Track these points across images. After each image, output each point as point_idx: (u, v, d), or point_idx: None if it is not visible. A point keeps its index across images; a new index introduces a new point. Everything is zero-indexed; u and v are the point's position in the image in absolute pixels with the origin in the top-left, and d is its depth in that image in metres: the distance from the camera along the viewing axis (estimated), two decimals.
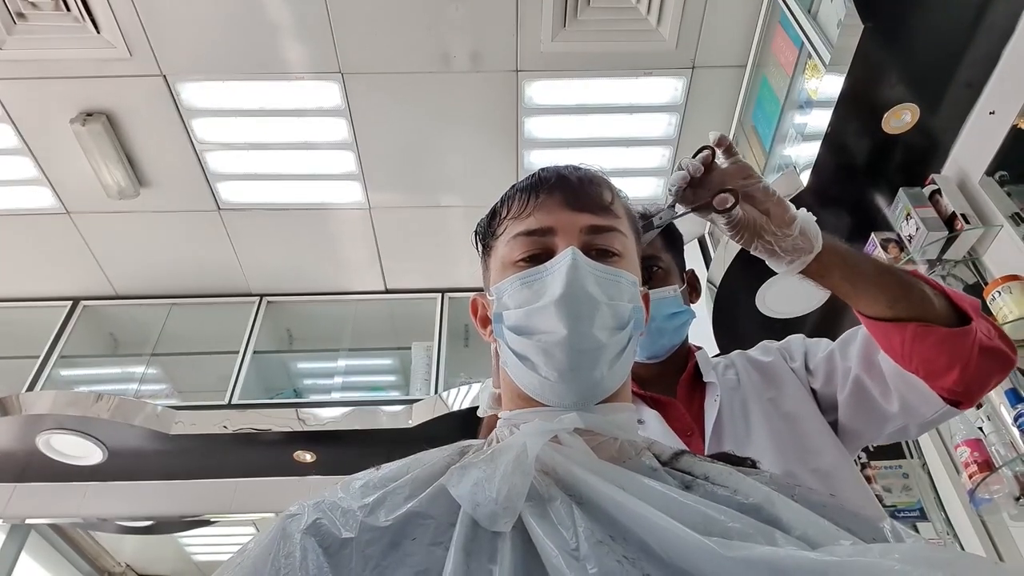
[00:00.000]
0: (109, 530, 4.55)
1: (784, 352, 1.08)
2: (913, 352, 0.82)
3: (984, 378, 0.84)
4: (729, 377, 1.09)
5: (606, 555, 0.54)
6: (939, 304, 0.83)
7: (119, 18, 2.98)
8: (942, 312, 0.82)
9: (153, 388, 4.33)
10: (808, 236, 0.81)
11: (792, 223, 0.81)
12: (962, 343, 0.81)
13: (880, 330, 0.83)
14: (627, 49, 3.16)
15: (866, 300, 0.83)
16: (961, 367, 0.81)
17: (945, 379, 0.82)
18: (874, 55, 2.05)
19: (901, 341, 0.82)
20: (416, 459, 0.70)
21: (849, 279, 0.83)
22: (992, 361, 0.83)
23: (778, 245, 0.81)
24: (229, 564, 0.59)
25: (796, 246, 0.81)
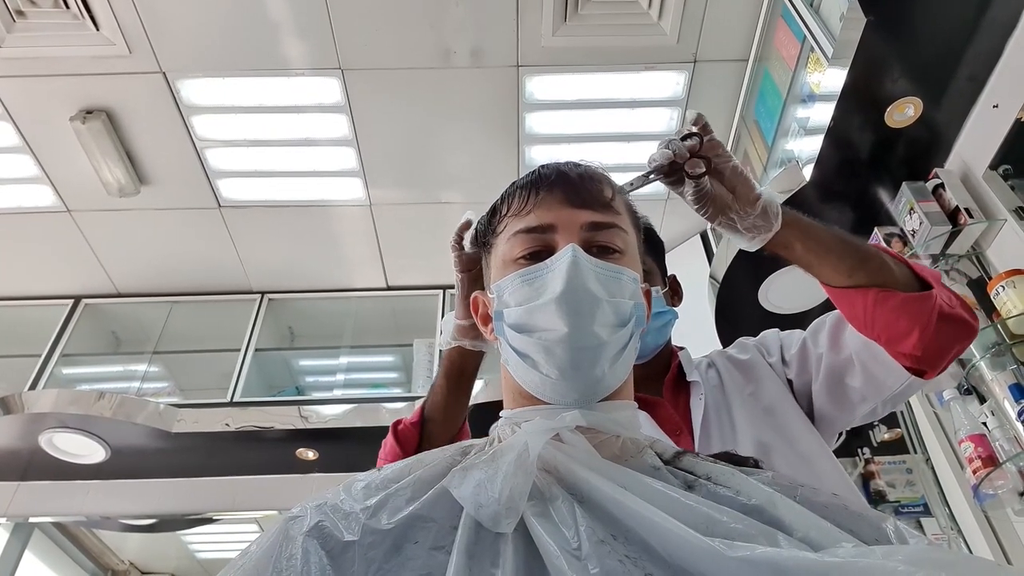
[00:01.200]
0: (112, 528, 4.56)
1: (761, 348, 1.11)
2: (875, 317, 0.84)
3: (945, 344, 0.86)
4: (711, 376, 1.12)
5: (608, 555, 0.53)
6: (899, 272, 0.85)
7: (118, 15, 2.97)
8: (902, 279, 0.84)
9: (155, 386, 4.34)
10: (768, 215, 0.83)
11: (756, 202, 0.83)
12: (922, 307, 0.83)
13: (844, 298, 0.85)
14: (628, 43, 3.14)
15: (828, 270, 0.85)
16: (920, 330, 0.83)
17: (905, 343, 0.84)
18: (877, 49, 2.04)
19: (863, 306, 0.84)
20: (418, 459, 0.70)
21: (811, 251, 0.85)
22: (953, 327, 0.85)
23: (740, 223, 0.83)
24: (232, 566, 0.59)
25: (756, 224, 0.83)
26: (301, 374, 4.72)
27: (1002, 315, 1.89)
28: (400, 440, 0.94)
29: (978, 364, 1.94)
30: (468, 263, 0.93)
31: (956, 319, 0.85)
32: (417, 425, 0.96)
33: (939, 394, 2.14)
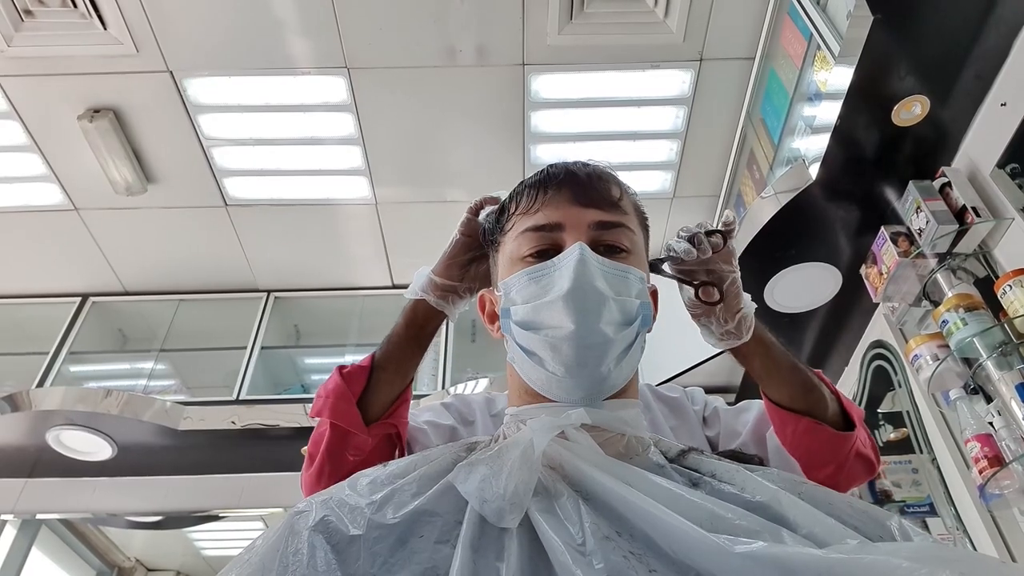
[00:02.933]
0: (119, 525, 4.58)
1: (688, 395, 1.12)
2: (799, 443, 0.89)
3: (851, 478, 0.92)
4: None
5: (612, 551, 0.54)
6: (832, 408, 0.90)
7: (126, 15, 2.99)
8: (832, 416, 0.90)
9: (161, 384, 4.35)
10: (742, 328, 0.87)
11: (736, 315, 0.86)
12: (843, 446, 0.89)
13: (779, 416, 0.90)
14: (634, 42, 3.14)
15: (774, 388, 0.90)
16: (836, 465, 0.89)
17: (820, 472, 0.89)
18: (884, 46, 2.04)
19: (793, 431, 0.89)
20: (423, 456, 0.71)
21: (765, 368, 0.90)
22: (862, 465, 0.91)
23: (717, 328, 0.87)
24: (238, 560, 0.59)
25: (729, 332, 0.87)
26: (307, 372, 4.73)
27: (1009, 314, 1.88)
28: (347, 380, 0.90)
29: (985, 363, 1.93)
30: (472, 229, 0.93)
31: (866, 460, 0.92)
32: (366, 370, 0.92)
33: (945, 394, 2.13)
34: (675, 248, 0.83)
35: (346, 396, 0.89)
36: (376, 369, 0.92)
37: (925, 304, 2.26)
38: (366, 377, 0.92)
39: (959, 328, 1.97)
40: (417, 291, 0.95)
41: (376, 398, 0.91)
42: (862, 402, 2.76)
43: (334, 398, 0.90)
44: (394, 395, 0.93)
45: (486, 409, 1.07)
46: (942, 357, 2.08)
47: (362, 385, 0.91)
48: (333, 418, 0.89)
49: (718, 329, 0.87)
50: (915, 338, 2.21)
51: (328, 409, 0.89)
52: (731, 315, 0.86)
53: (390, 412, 0.92)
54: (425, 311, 0.95)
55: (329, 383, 0.92)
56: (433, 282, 0.94)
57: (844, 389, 2.93)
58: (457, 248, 0.94)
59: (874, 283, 2.39)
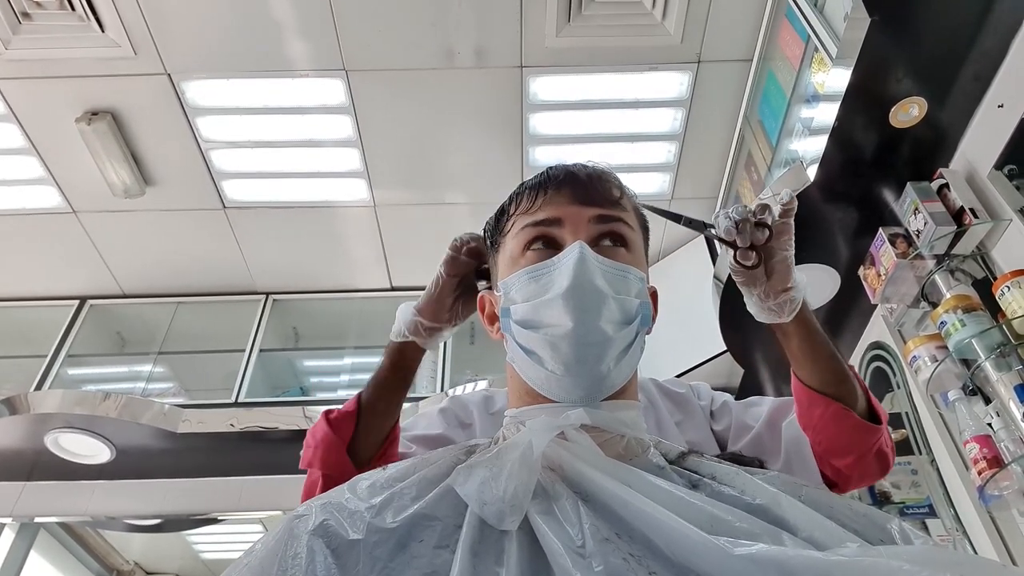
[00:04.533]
0: (117, 528, 4.58)
1: (694, 389, 1.12)
2: (825, 427, 0.88)
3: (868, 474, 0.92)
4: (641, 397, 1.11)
5: (612, 553, 0.53)
6: (861, 401, 0.90)
7: (124, 17, 2.98)
8: (861, 408, 0.89)
9: (160, 387, 4.34)
10: (785, 307, 0.85)
11: (782, 294, 0.85)
12: (869, 438, 0.88)
13: (808, 398, 0.89)
14: (632, 44, 3.14)
15: (808, 371, 0.89)
16: (857, 456, 0.88)
17: (840, 460, 0.89)
18: (881, 48, 2.04)
19: (821, 414, 0.88)
20: (423, 459, 0.70)
21: (803, 351, 0.89)
22: (880, 463, 0.91)
23: (761, 302, 0.86)
24: (236, 564, 0.59)
25: (772, 308, 0.86)
26: (305, 375, 4.72)
27: (1007, 315, 1.88)
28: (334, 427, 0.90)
29: (983, 365, 1.93)
30: (457, 268, 0.93)
31: (884, 458, 0.91)
32: (353, 415, 0.92)
33: (944, 395, 2.13)
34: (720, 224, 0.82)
35: (336, 444, 0.89)
36: (364, 413, 0.92)
37: (923, 305, 2.26)
38: (354, 422, 0.91)
39: (957, 329, 1.97)
40: (404, 333, 0.94)
41: (366, 441, 0.91)
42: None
43: (324, 448, 0.90)
44: (383, 436, 0.93)
45: (484, 408, 1.07)
46: (940, 358, 2.08)
47: (351, 431, 0.91)
48: (324, 469, 0.89)
49: (760, 303, 0.86)
50: (913, 339, 2.21)
51: (319, 460, 0.90)
52: (775, 292, 0.84)
53: (380, 453, 0.92)
54: (412, 349, 0.95)
55: (317, 431, 0.92)
56: (420, 324, 0.94)
57: None
58: (443, 288, 0.93)
59: (872, 284, 2.39)
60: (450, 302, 0.94)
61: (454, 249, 0.92)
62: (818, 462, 0.90)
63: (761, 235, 0.81)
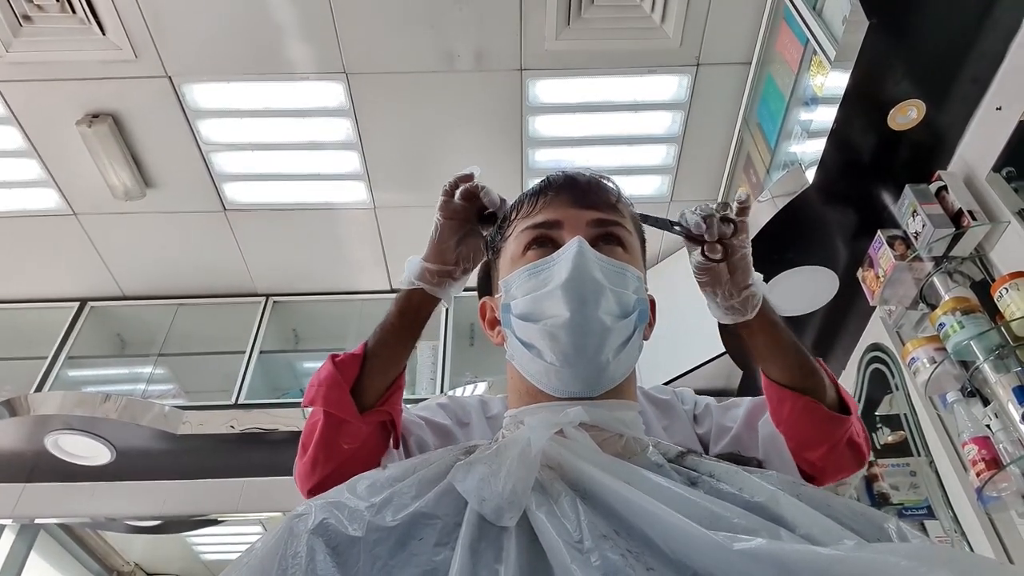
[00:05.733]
0: (118, 529, 4.57)
1: (678, 395, 1.13)
2: (796, 421, 0.89)
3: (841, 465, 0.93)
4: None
5: (610, 549, 0.54)
6: (830, 393, 0.91)
7: (124, 20, 2.99)
8: (831, 400, 0.91)
9: (160, 388, 4.34)
10: (748, 304, 0.87)
11: (744, 290, 0.87)
12: (838, 428, 0.89)
13: (777, 394, 0.90)
14: (631, 47, 3.15)
15: (776, 368, 0.90)
16: (829, 447, 0.89)
17: (812, 452, 0.90)
18: (880, 51, 2.05)
19: (791, 408, 0.89)
20: (423, 459, 0.71)
21: (768, 347, 0.90)
22: (853, 453, 0.92)
23: (723, 301, 0.88)
24: (237, 563, 0.59)
25: (735, 307, 0.87)
26: (305, 376, 4.71)
27: (1005, 317, 1.89)
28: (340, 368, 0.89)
29: (982, 366, 1.94)
30: (452, 211, 0.92)
31: (856, 447, 0.92)
32: (359, 358, 0.90)
33: (943, 396, 2.14)
34: (687, 219, 0.84)
35: (339, 384, 0.87)
36: (369, 357, 0.91)
37: (922, 307, 2.27)
38: (359, 365, 0.90)
39: (956, 331, 1.98)
40: (411, 280, 0.93)
41: (370, 385, 0.89)
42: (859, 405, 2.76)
43: (327, 386, 0.88)
44: (388, 382, 0.91)
45: (481, 411, 1.07)
46: (939, 360, 2.08)
47: (355, 373, 0.89)
48: (326, 406, 0.87)
49: (723, 302, 0.87)
50: (912, 341, 2.21)
51: (321, 398, 0.87)
52: (737, 290, 0.86)
53: (384, 399, 0.90)
54: (420, 299, 0.93)
55: (322, 372, 0.91)
56: (427, 269, 0.92)
57: None
58: (442, 232, 0.93)
59: (871, 286, 2.40)
60: (453, 244, 0.92)
61: (445, 193, 0.93)
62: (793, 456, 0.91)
63: (727, 229, 0.84)
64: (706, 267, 0.85)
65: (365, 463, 0.87)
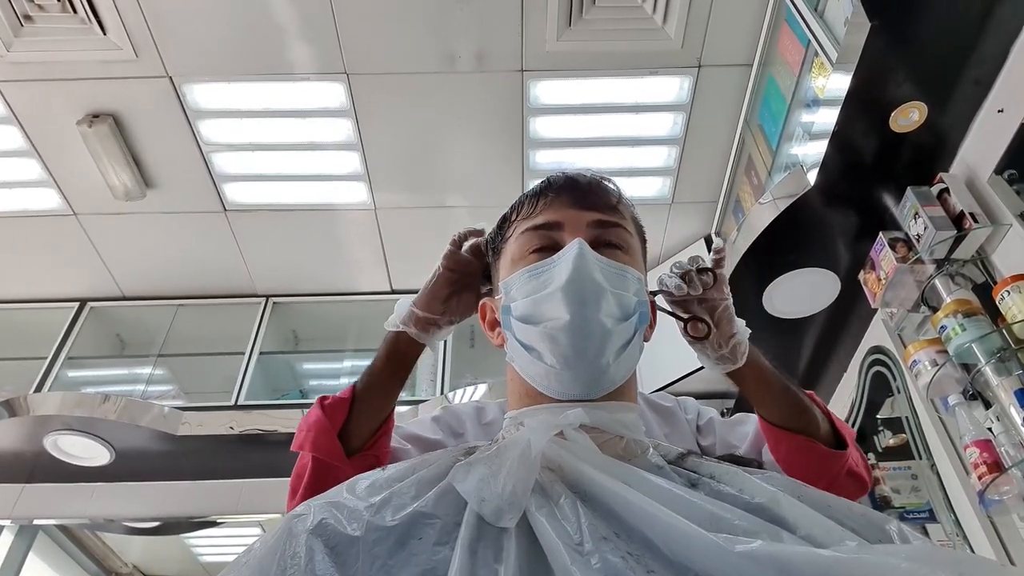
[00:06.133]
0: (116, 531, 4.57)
1: (680, 403, 1.13)
2: (793, 460, 0.91)
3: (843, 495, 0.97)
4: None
5: (610, 551, 0.53)
6: (824, 428, 0.93)
7: (125, 20, 2.99)
8: (825, 435, 0.92)
9: (160, 389, 4.34)
10: (736, 353, 0.88)
11: (730, 340, 0.88)
12: (836, 463, 0.91)
13: (773, 434, 0.92)
14: (632, 48, 3.15)
15: (768, 409, 0.92)
16: (828, 481, 0.90)
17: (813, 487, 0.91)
18: (881, 53, 2.05)
19: (787, 448, 0.91)
20: (422, 460, 0.71)
21: (760, 391, 0.92)
22: (854, 483, 0.94)
23: (712, 353, 0.89)
24: (236, 563, 0.59)
25: (724, 357, 0.88)
26: (305, 377, 4.72)
27: (1007, 320, 1.89)
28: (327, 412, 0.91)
29: (983, 369, 1.93)
30: (456, 263, 0.93)
31: (858, 477, 0.94)
32: (347, 402, 0.93)
33: (944, 399, 2.14)
34: (667, 283, 0.85)
35: (327, 429, 0.90)
36: (357, 401, 0.93)
37: (924, 310, 2.27)
38: (347, 409, 0.92)
39: (958, 334, 1.98)
40: (398, 323, 0.95)
41: (357, 430, 0.91)
42: (861, 408, 2.76)
43: (315, 432, 0.90)
44: (375, 426, 0.93)
45: (476, 419, 1.07)
46: (941, 363, 2.08)
47: (343, 417, 0.91)
48: (314, 452, 0.89)
49: (713, 354, 0.88)
50: (914, 344, 2.21)
51: (310, 443, 0.90)
52: (725, 340, 0.88)
53: (371, 444, 0.92)
54: (407, 342, 0.95)
55: (311, 416, 0.93)
56: (415, 315, 0.94)
57: (843, 395, 2.94)
58: (440, 282, 0.94)
59: (872, 289, 2.40)
60: (444, 295, 0.93)
61: (453, 243, 0.93)
62: None
63: (708, 279, 0.85)
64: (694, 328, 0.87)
65: None
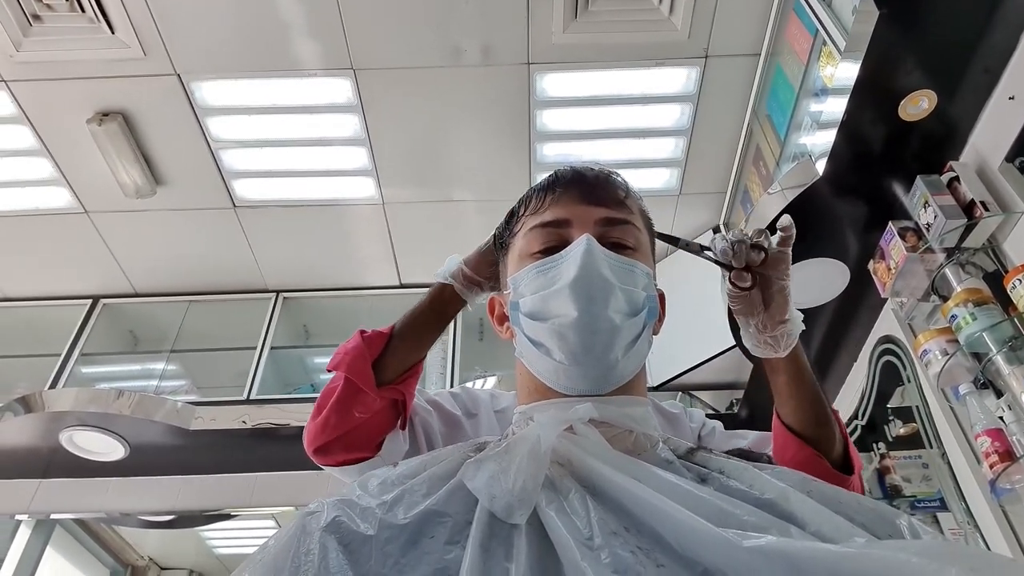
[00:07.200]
0: (132, 524, 4.62)
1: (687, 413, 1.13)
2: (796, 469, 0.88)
3: None
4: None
5: (620, 546, 0.54)
6: (838, 450, 0.89)
7: (133, 18, 3.00)
8: (837, 456, 0.89)
9: (172, 384, 4.38)
10: (780, 342, 0.85)
11: (778, 327, 0.84)
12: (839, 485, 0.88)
13: (783, 438, 0.89)
14: (639, 39, 3.14)
15: (790, 410, 0.89)
16: None
17: None
18: (890, 41, 2.03)
19: (793, 456, 0.87)
20: (433, 456, 0.71)
21: (789, 388, 0.88)
22: None
23: (757, 335, 0.85)
24: (251, 561, 0.60)
25: (767, 341, 0.85)
26: (316, 371, 4.74)
27: (1019, 309, 1.87)
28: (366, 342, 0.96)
29: (994, 358, 1.92)
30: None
31: None
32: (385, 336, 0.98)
33: (955, 388, 2.12)
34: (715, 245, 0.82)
35: (363, 355, 0.94)
36: (395, 337, 0.98)
37: (934, 299, 2.25)
38: (384, 342, 0.97)
39: (968, 323, 1.96)
40: (447, 275, 1.00)
41: (391, 363, 0.96)
42: (871, 397, 2.75)
43: (352, 356, 0.95)
44: (408, 364, 0.98)
45: (490, 404, 1.11)
46: (951, 352, 2.07)
47: (380, 349, 0.96)
48: (349, 373, 0.93)
49: (756, 335, 0.85)
50: (924, 333, 2.20)
51: (345, 364, 0.94)
52: (772, 323, 0.84)
53: (401, 379, 0.97)
54: (451, 294, 1.00)
55: (349, 343, 0.97)
56: (463, 272, 0.99)
57: (853, 385, 2.93)
58: (488, 250, 0.98)
59: (882, 278, 2.38)
60: (492, 260, 0.97)
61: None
62: None
63: (757, 257, 0.81)
64: (736, 295, 0.83)
65: (371, 435, 0.96)
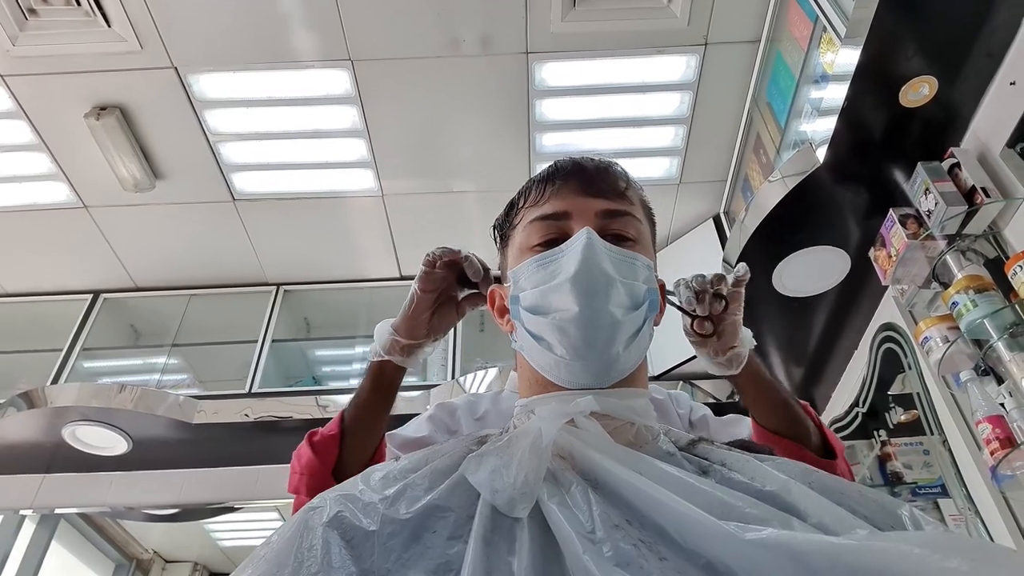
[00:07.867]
0: (136, 518, 4.63)
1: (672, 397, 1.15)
2: None
3: None
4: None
5: (622, 539, 0.54)
6: (815, 440, 0.97)
7: (129, 12, 2.99)
8: (815, 445, 0.97)
9: (174, 378, 4.39)
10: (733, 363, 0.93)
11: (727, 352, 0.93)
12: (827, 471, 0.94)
13: (765, 438, 0.96)
14: (638, 27, 3.12)
15: (764, 416, 0.98)
16: None
17: None
18: (891, 27, 2.02)
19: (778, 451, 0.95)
20: (435, 450, 0.71)
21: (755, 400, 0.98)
22: None
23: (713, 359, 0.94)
24: (254, 556, 0.60)
25: (721, 364, 0.94)
26: (317, 364, 4.75)
27: (1020, 295, 1.88)
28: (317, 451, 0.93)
29: (995, 345, 1.92)
30: (432, 283, 0.92)
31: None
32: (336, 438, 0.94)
33: (956, 375, 2.13)
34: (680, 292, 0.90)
35: (320, 471, 0.93)
36: (347, 435, 0.95)
37: (935, 286, 2.25)
38: (337, 446, 0.95)
39: (969, 310, 1.96)
40: (381, 353, 0.95)
41: (350, 462, 0.94)
42: (872, 384, 2.76)
43: (308, 475, 0.94)
44: (367, 455, 0.96)
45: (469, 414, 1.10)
46: (952, 339, 2.07)
47: (334, 455, 0.94)
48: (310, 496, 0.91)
49: (711, 359, 0.94)
50: (925, 320, 2.20)
51: (305, 487, 0.93)
52: (724, 350, 0.92)
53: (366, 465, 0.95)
54: (392, 370, 0.96)
55: (303, 456, 0.96)
56: (399, 344, 0.94)
57: (854, 372, 2.94)
58: (420, 306, 0.93)
59: (883, 266, 2.38)
60: (426, 317, 0.93)
61: (427, 264, 0.91)
62: None
63: (719, 305, 0.90)
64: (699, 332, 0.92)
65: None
